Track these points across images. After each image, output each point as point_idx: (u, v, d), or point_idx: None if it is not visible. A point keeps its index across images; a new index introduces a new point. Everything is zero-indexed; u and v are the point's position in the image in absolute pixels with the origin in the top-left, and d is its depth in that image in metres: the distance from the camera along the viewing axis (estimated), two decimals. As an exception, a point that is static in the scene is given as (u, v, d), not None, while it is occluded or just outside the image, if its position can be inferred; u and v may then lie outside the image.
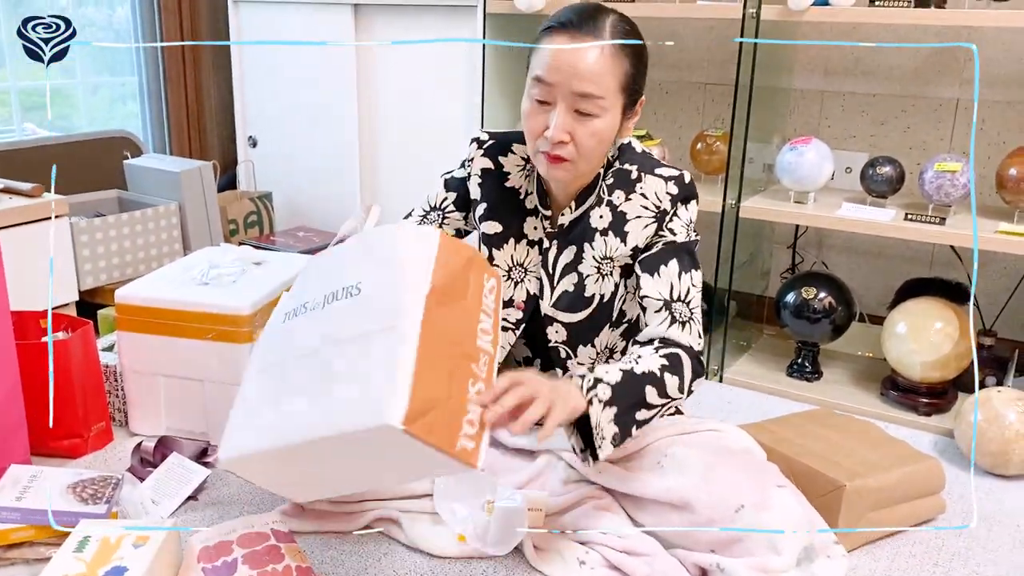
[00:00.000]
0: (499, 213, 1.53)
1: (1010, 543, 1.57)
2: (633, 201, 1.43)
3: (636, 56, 1.34)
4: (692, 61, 2.68)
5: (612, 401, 1.26)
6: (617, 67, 1.32)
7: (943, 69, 2.34)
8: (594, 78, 1.30)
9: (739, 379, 2.26)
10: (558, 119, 1.32)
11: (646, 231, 1.42)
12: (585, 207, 1.47)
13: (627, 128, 1.42)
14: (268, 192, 3.02)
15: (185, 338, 1.75)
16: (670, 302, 1.39)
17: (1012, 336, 2.37)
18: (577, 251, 1.47)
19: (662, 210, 1.42)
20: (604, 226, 1.44)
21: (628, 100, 1.37)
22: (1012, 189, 1.95)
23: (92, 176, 2.71)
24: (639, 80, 1.37)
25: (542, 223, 1.51)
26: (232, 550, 1.29)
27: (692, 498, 1.35)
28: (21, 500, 1.42)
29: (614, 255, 1.44)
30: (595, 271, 1.46)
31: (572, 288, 1.48)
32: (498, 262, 1.53)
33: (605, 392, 1.26)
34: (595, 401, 1.25)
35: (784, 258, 2.64)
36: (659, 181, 1.43)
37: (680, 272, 1.41)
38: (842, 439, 1.66)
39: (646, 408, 1.31)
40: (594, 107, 1.31)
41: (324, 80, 2.83)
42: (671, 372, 1.33)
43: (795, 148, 2.12)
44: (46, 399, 1.69)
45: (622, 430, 1.29)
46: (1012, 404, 1.78)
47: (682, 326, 1.38)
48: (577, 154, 1.35)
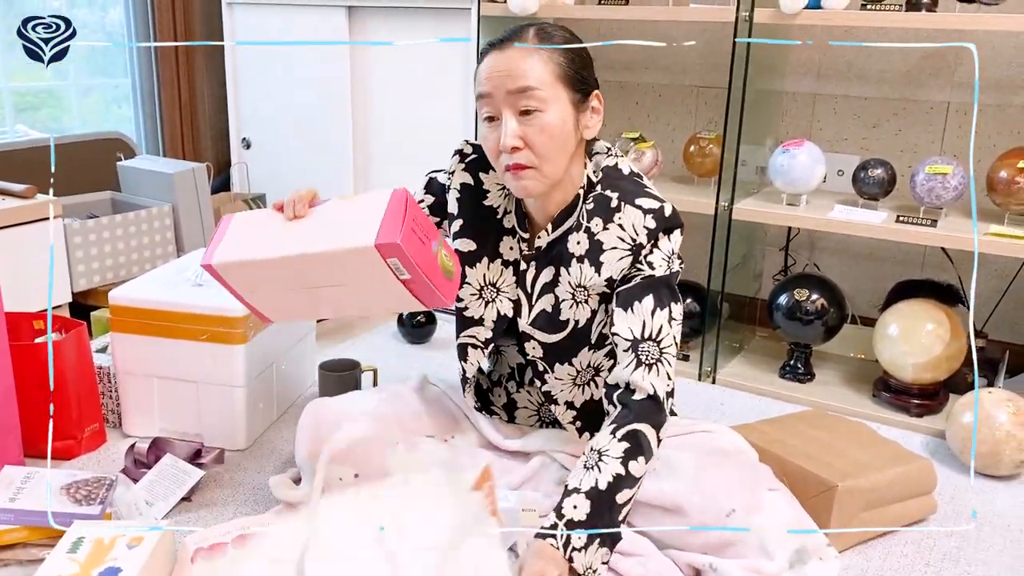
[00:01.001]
0: (475, 231, 1.51)
1: (1001, 543, 1.58)
2: (610, 231, 1.39)
3: (568, 49, 1.35)
4: (685, 64, 2.69)
5: (591, 537, 1.27)
6: (546, 60, 1.33)
7: (934, 72, 2.35)
8: (524, 72, 1.31)
9: (732, 380, 2.26)
10: (505, 126, 1.33)
11: (621, 263, 1.39)
12: (564, 228, 1.45)
13: (588, 126, 1.39)
14: (262, 194, 3.02)
15: (179, 339, 1.75)
16: (638, 341, 1.36)
17: (1002, 338, 2.38)
18: (555, 273, 1.46)
19: (638, 244, 1.38)
20: (580, 253, 1.42)
21: (573, 91, 1.35)
22: (1002, 191, 1.96)
23: (85, 178, 2.71)
24: (578, 71, 1.35)
25: (519, 244, 1.49)
26: (227, 551, 1.29)
27: (684, 502, 1.36)
28: (15, 501, 1.42)
29: (588, 284, 1.42)
30: (570, 297, 1.44)
31: (550, 309, 1.47)
32: (470, 280, 1.51)
33: (580, 538, 1.26)
34: (575, 553, 1.26)
35: (776, 260, 2.65)
36: (638, 213, 1.39)
37: (655, 309, 1.37)
38: (834, 440, 1.67)
39: (625, 506, 1.31)
40: (534, 101, 1.31)
41: (318, 82, 2.83)
42: (635, 456, 1.30)
43: (788, 151, 2.13)
44: (39, 400, 1.69)
45: (611, 544, 1.29)
46: (1003, 405, 1.79)
47: (648, 368, 1.35)
48: (535, 157, 1.34)
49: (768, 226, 2.52)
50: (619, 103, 2.83)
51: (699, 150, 2.37)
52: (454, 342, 1.58)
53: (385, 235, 1.17)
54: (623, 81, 2.80)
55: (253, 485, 1.68)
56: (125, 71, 3.11)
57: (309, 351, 2.13)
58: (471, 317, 1.53)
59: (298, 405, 2.03)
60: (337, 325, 2.60)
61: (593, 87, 1.39)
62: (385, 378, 2.13)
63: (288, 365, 1.99)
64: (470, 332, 1.54)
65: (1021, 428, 1.76)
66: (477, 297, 1.52)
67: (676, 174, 2.58)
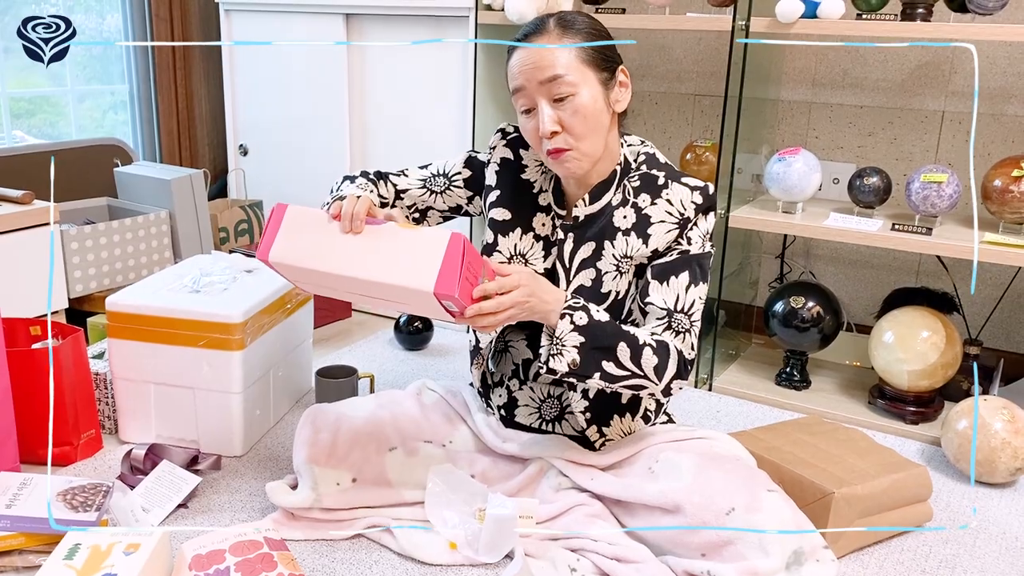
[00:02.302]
0: (511, 202, 1.57)
1: (996, 550, 1.59)
2: (659, 206, 1.46)
3: (585, 31, 1.42)
4: (682, 72, 2.70)
5: (584, 330, 1.34)
6: (567, 44, 1.39)
7: (929, 82, 2.37)
8: (551, 61, 1.38)
9: (728, 388, 2.27)
10: (542, 114, 1.40)
11: (668, 236, 1.46)
12: (603, 203, 1.51)
13: (618, 100, 1.46)
14: (259, 200, 3.02)
15: (176, 345, 1.75)
16: (672, 312, 1.43)
17: (997, 346, 2.39)
18: (596, 247, 1.51)
19: (685, 217, 1.45)
20: (627, 226, 1.48)
21: (600, 71, 1.41)
22: (997, 200, 1.97)
23: (82, 184, 2.71)
24: (602, 51, 1.42)
25: (553, 220, 1.55)
26: (224, 558, 1.29)
27: (683, 500, 1.37)
28: (11, 508, 1.41)
29: (634, 255, 1.48)
30: (614, 268, 1.49)
31: (590, 283, 1.51)
32: (501, 248, 1.57)
33: (582, 319, 1.34)
34: (567, 319, 1.34)
35: (772, 268, 2.66)
36: (685, 190, 1.47)
37: (689, 284, 1.44)
38: (830, 447, 1.68)
39: (615, 364, 1.36)
40: (565, 87, 1.38)
41: (315, 89, 2.83)
42: (654, 352, 1.37)
43: (783, 159, 2.14)
44: (35, 406, 1.69)
45: (583, 364, 1.34)
46: (997, 412, 1.80)
47: (676, 335, 1.42)
48: (574, 139, 1.41)
49: (764, 234, 2.53)
50: (616, 111, 2.84)
51: (695, 158, 2.38)
52: (451, 348, 1.59)
53: (443, 285, 1.24)
54: (620, 89, 2.81)
55: (250, 491, 1.68)
56: (123, 77, 3.11)
57: (306, 357, 2.13)
58: None
59: (295, 411, 2.03)
60: (334, 332, 2.60)
61: (618, 63, 1.45)
62: (382, 384, 2.13)
63: (285, 371, 1.99)
64: None
65: (1016, 436, 1.76)
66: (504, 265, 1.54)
67: (672, 182, 2.59)
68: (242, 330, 1.74)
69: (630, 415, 1.57)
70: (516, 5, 2.28)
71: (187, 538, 1.48)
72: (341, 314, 2.67)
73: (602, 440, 1.57)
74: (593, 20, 1.45)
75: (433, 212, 1.68)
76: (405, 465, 1.59)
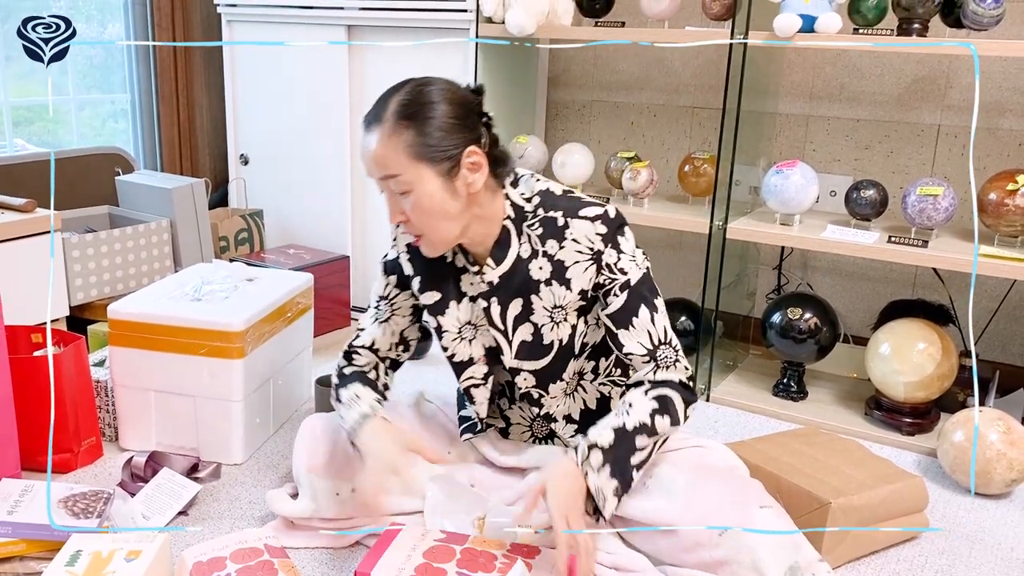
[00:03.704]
0: (434, 281, 1.54)
1: (992, 561, 1.59)
2: (567, 248, 1.43)
3: (419, 122, 1.33)
4: (680, 85, 2.73)
5: (605, 461, 1.35)
6: (398, 142, 1.33)
7: (925, 96, 2.39)
8: (382, 161, 1.34)
9: (725, 398, 2.28)
10: (387, 205, 1.40)
11: (587, 274, 1.43)
12: (511, 259, 1.46)
13: (469, 182, 1.37)
14: (259, 210, 3.04)
15: (177, 353, 1.76)
16: (653, 351, 1.42)
17: (992, 357, 2.41)
18: (525, 303, 1.48)
19: (596, 251, 1.42)
20: (546, 277, 1.45)
21: (438, 164, 1.34)
22: (992, 213, 1.99)
23: (83, 192, 2.72)
24: (438, 144, 1.33)
25: (476, 278, 1.51)
26: (225, 565, 1.30)
27: (677, 522, 1.38)
28: (12, 514, 1.42)
29: (563, 303, 1.46)
30: (549, 320, 1.48)
31: (530, 338, 1.50)
32: (447, 328, 1.54)
33: (597, 458, 1.34)
34: (590, 471, 1.34)
35: (770, 279, 2.67)
36: (585, 224, 1.42)
37: (651, 316, 1.43)
38: (827, 457, 1.68)
39: (640, 452, 1.38)
40: (400, 184, 1.35)
41: (316, 100, 2.85)
42: (661, 414, 1.39)
43: (781, 171, 2.16)
44: (36, 413, 1.69)
45: (622, 481, 1.36)
46: (993, 424, 1.81)
47: (668, 368, 1.43)
48: (420, 227, 1.39)
49: (761, 245, 2.54)
50: (614, 123, 2.86)
51: (694, 170, 2.40)
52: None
53: None
54: (619, 101, 2.84)
55: (250, 499, 1.69)
56: (124, 87, 3.13)
57: (306, 366, 2.14)
58: (462, 361, 1.56)
59: (295, 420, 2.04)
60: (334, 341, 2.60)
61: (461, 149, 1.35)
62: (381, 394, 2.14)
63: (285, 380, 2.00)
64: (467, 374, 1.57)
65: (1012, 447, 1.78)
66: (458, 340, 1.55)
67: (671, 193, 2.61)
68: (243, 338, 1.75)
69: None
70: (516, 18, 2.30)
71: (187, 545, 1.48)
72: (341, 323, 2.68)
73: None
74: (443, 102, 1.35)
75: (408, 331, 1.63)
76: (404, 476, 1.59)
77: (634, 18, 2.60)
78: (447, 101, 1.35)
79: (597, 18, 2.44)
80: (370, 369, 1.61)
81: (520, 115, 2.77)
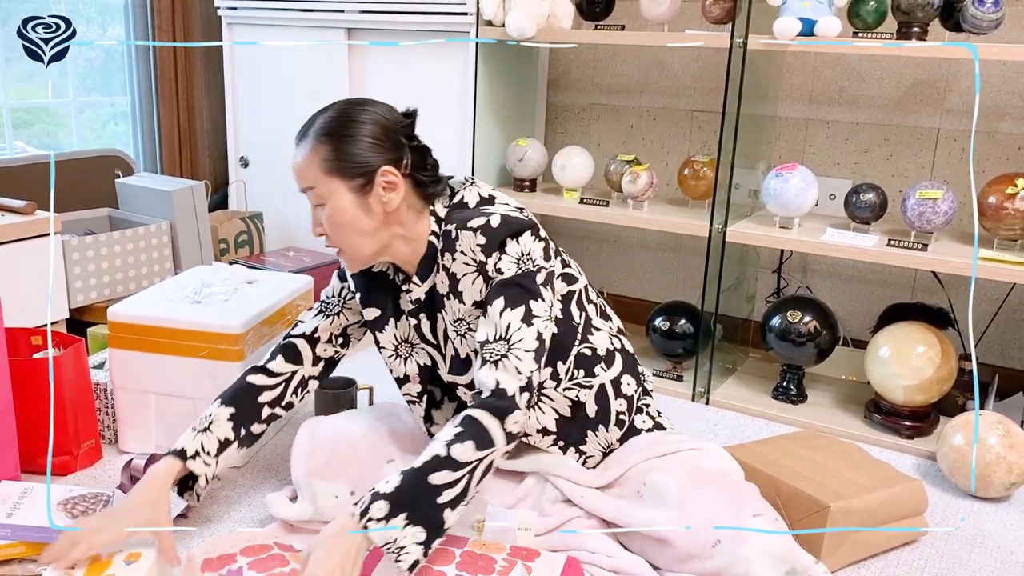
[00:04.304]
0: (373, 298, 1.56)
1: (991, 564, 1.59)
2: (457, 260, 1.43)
3: (336, 139, 1.38)
4: (680, 88, 2.73)
5: (394, 511, 1.22)
6: (315, 157, 1.39)
7: (924, 99, 2.39)
8: (301, 174, 1.42)
9: (725, 401, 2.28)
10: (311, 216, 1.46)
11: (476, 286, 1.43)
12: (432, 277, 1.49)
13: (385, 200, 1.40)
14: (259, 212, 3.04)
15: (177, 356, 1.76)
16: (486, 343, 1.38)
17: (992, 361, 2.41)
18: (441, 320, 1.50)
19: (479, 262, 1.41)
20: (446, 291, 1.46)
21: (350, 179, 1.39)
22: (992, 217, 1.99)
23: (83, 194, 2.72)
24: (350, 160, 1.38)
25: (406, 296, 1.54)
26: (236, 559, 1.30)
27: (670, 534, 1.38)
28: (12, 516, 1.42)
29: (462, 316, 1.46)
30: (456, 334, 1.49)
31: (455, 353, 1.51)
32: (384, 344, 1.57)
33: (381, 509, 1.22)
34: (371, 523, 1.21)
35: (769, 282, 2.67)
36: (468, 234, 1.41)
37: (503, 309, 1.38)
38: (826, 460, 1.68)
39: (448, 488, 1.25)
40: (316, 197, 1.41)
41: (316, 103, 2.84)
42: (462, 440, 1.28)
43: (780, 174, 2.16)
44: (36, 416, 1.69)
45: (429, 525, 1.24)
46: (992, 427, 1.81)
47: (493, 365, 1.35)
48: (336, 241, 1.44)
49: (761, 249, 2.54)
50: (614, 126, 2.86)
51: (693, 173, 2.40)
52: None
53: None
54: (618, 105, 2.84)
55: (249, 502, 1.69)
56: (124, 89, 3.13)
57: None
58: (399, 378, 1.59)
59: (294, 423, 2.04)
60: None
61: (376, 167, 1.39)
62: (381, 396, 2.14)
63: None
64: (404, 390, 1.60)
65: (1011, 451, 1.78)
66: (395, 356, 1.58)
67: (671, 197, 2.61)
68: (242, 341, 1.75)
69: (603, 427, 1.57)
70: (517, 21, 2.30)
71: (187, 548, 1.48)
72: (340, 326, 2.68)
73: (583, 458, 1.58)
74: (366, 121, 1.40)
75: (352, 328, 1.65)
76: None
77: (634, 21, 2.60)
78: (371, 122, 1.41)
79: (597, 21, 2.44)
80: (277, 383, 1.59)
81: (520, 118, 2.77)
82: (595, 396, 1.56)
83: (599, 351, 1.56)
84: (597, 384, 1.55)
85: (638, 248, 2.91)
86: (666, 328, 2.41)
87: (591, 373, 1.55)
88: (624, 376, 1.58)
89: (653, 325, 2.44)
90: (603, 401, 1.56)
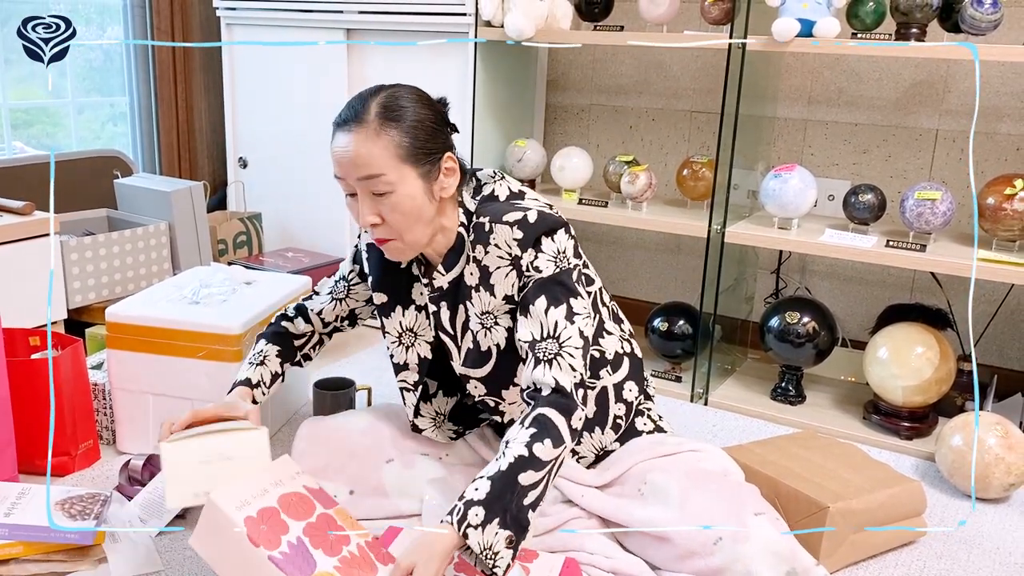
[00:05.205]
0: (385, 283, 1.56)
1: (990, 564, 1.59)
2: (491, 253, 1.42)
3: (407, 124, 1.35)
4: (679, 89, 2.73)
5: (489, 516, 1.21)
6: (386, 142, 1.33)
7: (923, 100, 2.39)
8: (367, 160, 1.33)
9: (724, 402, 2.28)
10: (360, 207, 1.37)
11: (509, 279, 1.42)
12: (458, 268, 1.48)
13: (444, 187, 1.40)
14: (257, 213, 3.04)
15: (175, 356, 1.76)
16: (535, 342, 1.37)
17: (990, 362, 2.41)
18: (464, 311, 1.49)
19: (515, 257, 1.41)
20: (475, 283, 1.46)
21: (420, 166, 1.36)
22: (990, 218, 1.99)
23: (82, 195, 2.72)
24: (423, 145, 1.36)
25: (425, 288, 1.52)
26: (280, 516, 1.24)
27: (671, 532, 1.38)
28: (9, 516, 1.42)
29: (490, 309, 1.45)
30: (480, 326, 1.48)
31: (472, 346, 1.51)
32: (389, 330, 1.57)
33: (477, 515, 1.21)
34: (471, 530, 1.20)
35: (768, 283, 2.67)
36: (505, 228, 1.41)
37: (548, 307, 1.37)
38: (825, 461, 1.68)
39: (532, 489, 1.26)
40: (382, 185, 1.34)
41: (315, 103, 2.85)
42: (541, 439, 1.27)
43: (779, 175, 2.16)
44: (34, 416, 1.69)
45: (517, 528, 1.23)
46: (991, 428, 1.81)
47: (548, 364, 1.35)
48: (394, 231, 1.38)
49: (760, 249, 2.54)
50: (613, 127, 2.86)
51: (692, 174, 2.40)
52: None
53: None
54: (617, 105, 2.84)
55: (247, 503, 1.68)
56: (123, 90, 3.13)
57: (304, 369, 2.14)
58: (398, 364, 1.59)
59: (293, 423, 2.04)
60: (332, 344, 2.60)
61: (441, 152, 1.39)
62: (380, 397, 2.14)
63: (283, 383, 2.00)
64: (401, 377, 1.59)
65: (1010, 451, 1.78)
66: (398, 344, 1.57)
67: (669, 197, 2.61)
68: (241, 341, 1.75)
69: (599, 429, 1.57)
70: (516, 22, 2.30)
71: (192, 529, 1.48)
72: (339, 326, 2.68)
73: (575, 458, 1.58)
74: (421, 106, 1.38)
75: (360, 310, 1.69)
76: (402, 477, 1.60)
77: (633, 22, 2.60)
78: (428, 107, 1.39)
79: (596, 22, 2.44)
80: (302, 335, 1.68)
81: (519, 119, 2.77)
82: (595, 398, 1.56)
83: (607, 354, 1.56)
84: (599, 387, 1.55)
85: (637, 249, 2.91)
86: (665, 329, 2.41)
87: (595, 375, 1.56)
88: (628, 382, 1.59)
89: (652, 326, 2.44)
90: (603, 404, 1.56)
